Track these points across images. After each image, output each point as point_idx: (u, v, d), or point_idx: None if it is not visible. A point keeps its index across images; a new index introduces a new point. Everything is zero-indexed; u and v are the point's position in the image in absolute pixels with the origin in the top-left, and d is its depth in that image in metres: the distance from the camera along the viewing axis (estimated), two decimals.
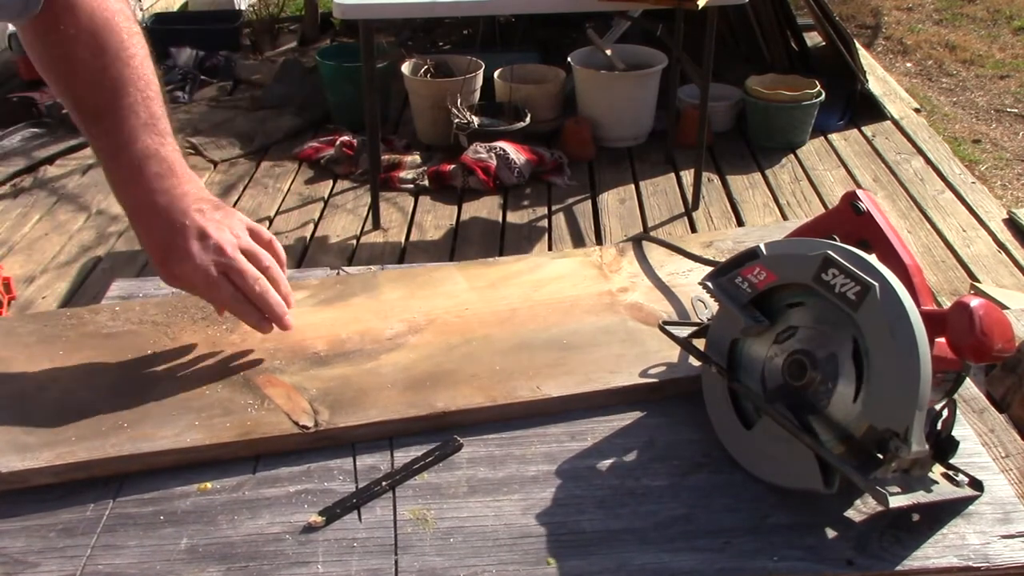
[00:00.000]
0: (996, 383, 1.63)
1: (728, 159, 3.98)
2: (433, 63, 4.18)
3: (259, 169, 3.92)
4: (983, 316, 0.76)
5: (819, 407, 0.80)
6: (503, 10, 4.07)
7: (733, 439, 0.87)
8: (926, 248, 3.26)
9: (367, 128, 3.25)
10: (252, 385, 0.94)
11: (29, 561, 0.76)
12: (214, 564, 0.76)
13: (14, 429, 0.88)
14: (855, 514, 0.80)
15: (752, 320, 0.85)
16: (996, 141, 4.38)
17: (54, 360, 0.99)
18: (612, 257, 1.20)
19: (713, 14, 3.18)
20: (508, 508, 0.81)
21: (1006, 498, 0.82)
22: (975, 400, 1.36)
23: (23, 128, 4.12)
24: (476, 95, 4.13)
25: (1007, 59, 5.42)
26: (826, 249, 0.80)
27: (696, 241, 1.23)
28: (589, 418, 0.92)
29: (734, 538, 0.78)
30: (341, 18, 3.03)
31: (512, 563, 0.76)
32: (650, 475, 0.85)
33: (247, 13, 5.68)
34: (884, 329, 0.75)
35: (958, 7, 6.37)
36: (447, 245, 3.33)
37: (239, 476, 0.85)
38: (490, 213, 3.56)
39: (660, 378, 0.95)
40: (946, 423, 0.82)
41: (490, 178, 3.68)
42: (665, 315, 1.06)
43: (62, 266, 3.15)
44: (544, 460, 0.87)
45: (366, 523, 0.80)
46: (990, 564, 0.76)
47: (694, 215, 3.54)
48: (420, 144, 4.10)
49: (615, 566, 0.75)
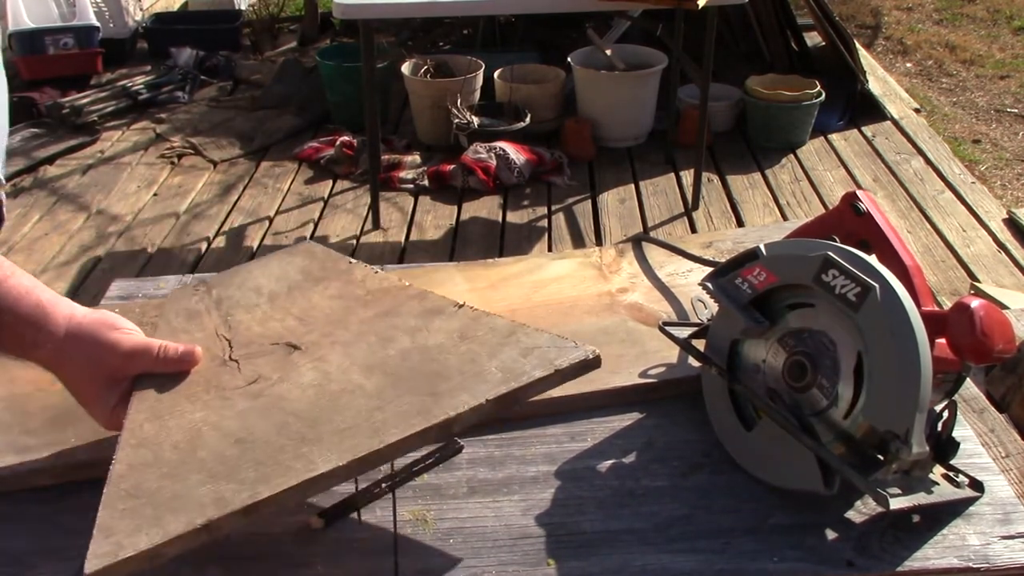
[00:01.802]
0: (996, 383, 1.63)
1: (728, 159, 3.98)
2: (433, 63, 4.18)
3: (259, 169, 3.92)
4: (983, 317, 0.76)
5: (819, 408, 0.80)
6: (503, 10, 4.07)
7: (733, 440, 0.87)
8: (926, 248, 3.25)
9: (367, 128, 3.25)
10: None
11: (29, 562, 0.76)
12: (214, 564, 0.76)
13: (14, 430, 0.88)
14: (855, 515, 0.80)
15: (752, 321, 0.85)
16: (996, 141, 4.38)
17: None
18: (612, 258, 1.20)
19: (713, 14, 3.18)
20: (508, 509, 0.81)
21: (1006, 499, 0.82)
22: (975, 400, 1.36)
23: (23, 128, 4.12)
24: (476, 95, 4.13)
25: (1007, 59, 5.42)
26: (826, 250, 0.80)
27: (696, 241, 1.23)
28: (589, 419, 0.92)
29: (734, 539, 0.78)
30: (341, 18, 3.03)
31: (512, 564, 0.76)
32: (650, 476, 0.85)
33: (247, 13, 5.67)
34: (884, 330, 0.75)
35: (958, 7, 6.36)
36: (447, 245, 3.33)
37: None
38: (490, 213, 3.56)
39: (660, 379, 0.95)
40: (946, 424, 0.82)
41: (490, 178, 3.68)
42: (665, 316, 1.06)
43: (62, 266, 3.15)
44: (544, 461, 0.87)
45: (366, 524, 0.80)
46: (990, 565, 0.76)
47: (694, 215, 3.54)
48: (420, 144, 4.10)
49: (615, 567, 0.75)
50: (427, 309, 0.89)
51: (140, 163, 3.94)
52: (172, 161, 3.97)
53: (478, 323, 0.85)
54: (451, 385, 0.78)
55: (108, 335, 0.83)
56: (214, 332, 0.91)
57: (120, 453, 0.75)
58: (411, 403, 0.77)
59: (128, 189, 3.68)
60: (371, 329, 0.87)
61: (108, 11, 5.13)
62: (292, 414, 0.78)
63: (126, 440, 0.77)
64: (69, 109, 4.24)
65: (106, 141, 4.15)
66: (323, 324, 0.89)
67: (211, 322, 0.92)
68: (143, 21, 5.35)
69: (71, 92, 4.46)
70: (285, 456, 0.73)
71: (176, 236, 3.30)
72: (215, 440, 0.76)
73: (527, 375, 0.78)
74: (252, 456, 0.73)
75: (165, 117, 4.42)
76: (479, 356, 0.81)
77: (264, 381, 0.83)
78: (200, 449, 0.75)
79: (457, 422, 0.75)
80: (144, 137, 4.21)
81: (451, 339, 0.84)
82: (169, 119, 4.40)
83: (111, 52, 4.93)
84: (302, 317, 0.91)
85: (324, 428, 0.75)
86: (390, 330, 0.87)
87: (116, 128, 4.30)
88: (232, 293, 0.96)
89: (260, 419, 0.78)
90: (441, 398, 0.77)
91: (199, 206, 3.57)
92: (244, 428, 0.77)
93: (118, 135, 4.24)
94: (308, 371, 0.83)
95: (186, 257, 3.17)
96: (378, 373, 0.81)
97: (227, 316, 0.93)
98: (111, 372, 0.83)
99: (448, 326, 0.86)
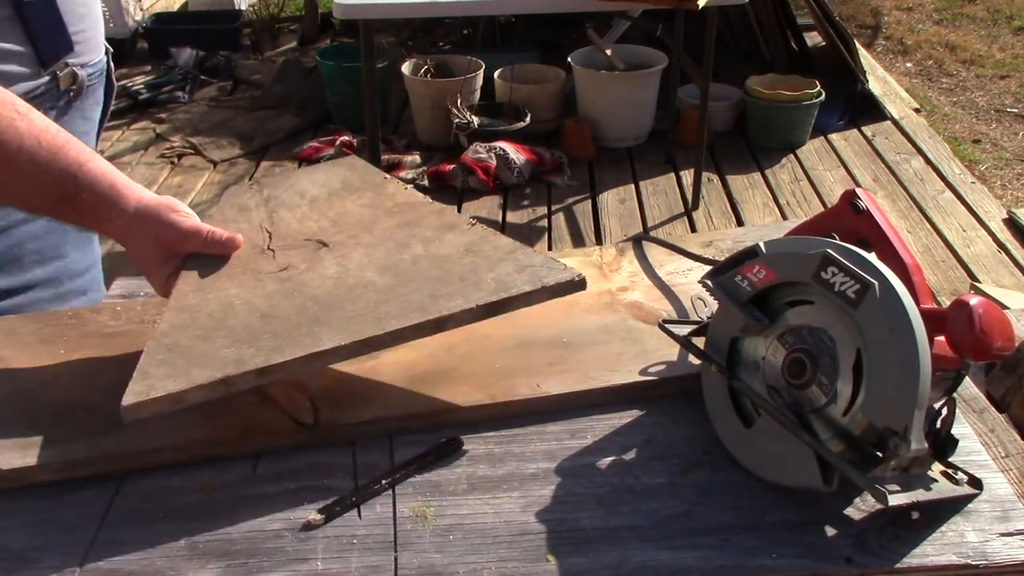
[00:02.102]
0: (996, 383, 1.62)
1: (728, 159, 3.99)
2: (433, 63, 4.18)
3: (259, 169, 3.92)
4: (983, 314, 0.76)
5: (818, 405, 0.80)
6: (503, 10, 4.08)
7: (732, 437, 0.87)
8: (926, 248, 3.26)
9: (367, 128, 3.25)
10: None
11: (30, 557, 0.76)
12: (214, 560, 0.76)
13: (15, 426, 0.88)
14: (854, 512, 0.80)
15: (752, 318, 0.85)
16: (996, 141, 4.38)
17: (55, 359, 0.99)
18: (612, 257, 1.20)
19: (713, 14, 3.18)
20: (508, 505, 0.82)
21: (1005, 496, 0.82)
22: (975, 400, 1.36)
23: None
24: (476, 95, 4.13)
25: (1007, 59, 5.43)
26: (826, 247, 0.81)
27: (696, 241, 1.23)
28: (589, 416, 0.93)
29: (733, 535, 0.78)
30: (341, 18, 3.03)
31: (512, 560, 0.76)
32: (650, 473, 0.85)
33: (247, 13, 5.68)
34: (883, 327, 0.75)
35: (958, 7, 6.37)
36: None
37: (239, 473, 0.85)
38: (490, 213, 3.56)
39: (659, 376, 0.96)
40: (945, 421, 0.82)
41: (490, 178, 3.68)
42: (665, 314, 1.07)
43: None
44: (544, 458, 0.87)
45: (366, 520, 0.80)
46: (989, 562, 0.76)
47: (694, 215, 3.54)
48: (420, 144, 4.10)
49: (615, 563, 0.76)
50: (443, 224, 1.00)
51: (140, 163, 3.94)
52: (172, 161, 3.97)
53: (484, 240, 0.97)
54: (450, 290, 0.89)
55: (169, 216, 0.96)
56: (259, 225, 1.03)
57: (166, 315, 0.89)
58: (412, 301, 0.88)
59: None
60: (391, 236, 0.99)
61: (108, 11, 5.13)
62: (311, 299, 0.90)
63: (172, 305, 0.90)
64: None
65: (106, 141, 4.16)
66: (351, 227, 1.01)
67: (257, 216, 1.05)
68: (143, 21, 5.36)
69: None
70: (299, 332, 0.85)
71: None
72: (244, 313, 0.89)
73: (517, 288, 0.88)
74: (271, 329, 0.86)
75: (165, 117, 4.43)
76: (479, 268, 0.92)
77: (293, 269, 0.95)
78: (230, 318, 0.88)
79: (450, 320, 0.86)
80: (144, 137, 4.21)
81: (458, 251, 0.95)
82: (169, 119, 4.40)
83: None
84: (335, 220, 1.03)
85: (335, 313, 0.87)
86: (408, 238, 0.98)
87: (116, 128, 4.30)
88: (279, 194, 1.09)
89: (284, 300, 0.90)
90: (439, 300, 0.87)
91: (199, 206, 3.57)
92: (269, 305, 0.90)
93: (118, 135, 4.24)
94: (331, 265, 0.95)
95: None
96: (389, 274, 0.93)
97: (272, 213, 1.05)
98: (168, 247, 0.96)
99: (458, 240, 0.97)
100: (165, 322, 0.88)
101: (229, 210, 1.07)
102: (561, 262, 0.92)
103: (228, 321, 0.88)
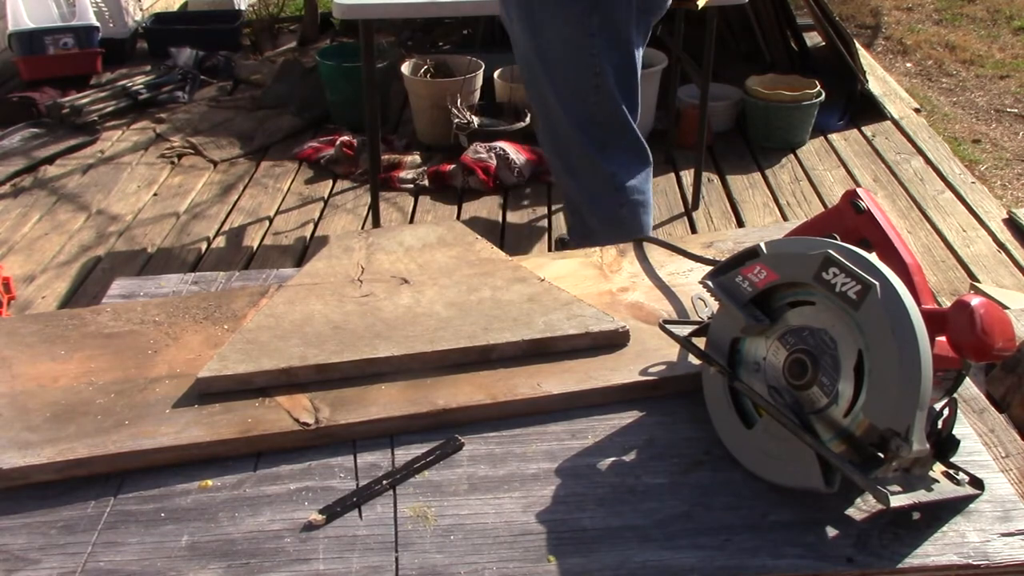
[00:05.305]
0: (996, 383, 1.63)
1: (728, 159, 3.98)
2: (433, 63, 4.18)
3: (259, 169, 3.92)
4: (983, 315, 0.76)
5: (819, 406, 0.80)
6: None
7: (733, 438, 0.87)
8: (926, 248, 3.25)
9: (367, 128, 3.24)
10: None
11: (31, 558, 0.76)
12: (215, 561, 0.76)
13: (16, 426, 0.88)
14: (855, 512, 0.80)
15: (752, 319, 0.85)
16: (996, 141, 4.38)
17: (56, 359, 0.99)
18: (612, 257, 1.20)
19: (713, 14, 3.18)
20: (509, 506, 0.82)
21: (1006, 496, 0.82)
22: (975, 400, 1.36)
23: (23, 128, 4.12)
24: (476, 95, 4.13)
25: (1007, 59, 5.42)
26: (827, 248, 0.81)
27: (696, 241, 1.23)
28: (589, 416, 0.93)
29: (734, 535, 0.78)
30: (341, 18, 3.02)
31: (513, 560, 0.76)
32: (650, 473, 0.85)
33: (247, 13, 5.67)
34: (885, 328, 0.75)
35: (958, 7, 6.37)
36: None
37: (240, 473, 0.85)
38: (490, 213, 3.56)
39: (660, 376, 0.95)
40: (947, 422, 0.82)
41: (490, 178, 3.68)
42: (665, 314, 1.07)
43: (62, 266, 3.15)
44: (544, 458, 0.87)
45: (367, 520, 0.80)
46: (990, 562, 0.76)
47: (694, 215, 3.54)
48: (420, 144, 4.10)
49: (616, 563, 0.75)
50: (515, 276, 1.11)
51: (140, 163, 3.94)
52: (172, 161, 3.97)
53: (547, 293, 1.07)
54: (502, 326, 1.01)
55: None
56: (356, 262, 1.16)
57: (256, 318, 1.03)
58: (466, 331, 1.00)
59: (128, 189, 3.68)
60: (466, 281, 1.11)
61: (108, 11, 5.13)
62: (381, 320, 1.03)
63: (263, 311, 1.04)
64: (69, 109, 4.24)
65: (106, 141, 4.15)
66: (434, 272, 1.13)
67: (358, 256, 1.18)
68: (143, 21, 5.35)
69: (71, 92, 4.46)
70: (361, 343, 0.98)
71: (176, 236, 3.30)
72: (320, 323, 1.02)
73: (562, 330, 0.99)
74: (339, 338, 0.99)
75: (165, 117, 4.42)
76: (534, 312, 1.03)
77: (373, 297, 1.08)
78: (307, 326, 1.02)
79: (495, 350, 0.98)
80: (144, 137, 4.21)
81: (520, 298, 1.06)
82: (169, 119, 4.40)
83: (111, 52, 4.92)
84: (423, 265, 1.15)
85: (397, 333, 1.00)
86: (480, 284, 1.10)
87: (116, 128, 4.30)
88: (382, 241, 1.21)
89: (357, 318, 1.03)
90: (490, 332, 0.99)
91: (199, 206, 3.57)
92: (343, 320, 1.03)
93: (118, 135, 4.24)
94: (407, 297, 1.08)
95: (186, 257, 3.17)
96: (455, 309, 1.05)
97: (371, 255, 1.18)
98: None
99: (524, 290, 1.08)
100: (253, 322, 1.02)
101: (336, 249, 1.19)
102: (610, 316, 1.02)
103: (305, 328, 1.01)
